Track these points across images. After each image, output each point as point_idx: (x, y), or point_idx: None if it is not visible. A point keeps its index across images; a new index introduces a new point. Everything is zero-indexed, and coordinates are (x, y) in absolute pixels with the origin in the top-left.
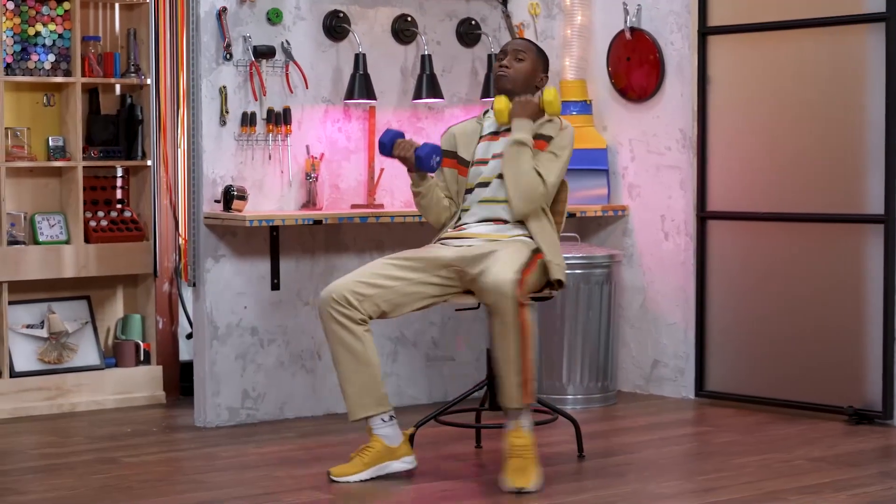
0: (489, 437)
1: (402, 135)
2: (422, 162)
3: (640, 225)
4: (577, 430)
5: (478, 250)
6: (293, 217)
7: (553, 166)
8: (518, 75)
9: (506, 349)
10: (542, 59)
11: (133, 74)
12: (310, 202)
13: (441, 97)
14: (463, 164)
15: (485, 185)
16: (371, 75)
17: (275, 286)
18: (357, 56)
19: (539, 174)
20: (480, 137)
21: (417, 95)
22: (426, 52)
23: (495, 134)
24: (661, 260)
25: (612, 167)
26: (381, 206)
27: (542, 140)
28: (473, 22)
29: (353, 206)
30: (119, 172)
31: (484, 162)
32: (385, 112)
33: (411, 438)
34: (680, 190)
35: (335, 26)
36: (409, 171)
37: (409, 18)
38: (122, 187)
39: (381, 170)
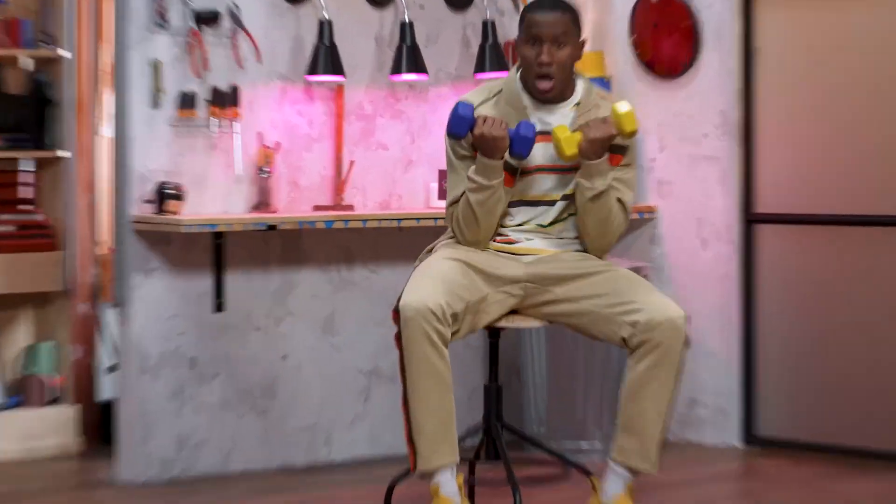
0: (485, 494)
1: (472, 111)
2: (522, 144)
3: (671, 230)
4: (594, 488)
5: (561, 268)
6: (242, 221)
7: (631, 179)
8: (563, 71)
9: (660, 398)
10: (579, 27)
11: (45, 45)
12: (263, 203)
13: (425, 72)
14: (511, 171)
15: (547, 203)
16: (339, 46)
17: (218, 307)
18: (322, 23)
19: (622, 204)
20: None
21: (396, 71)
22: (406, 19)
23: (545, 133)
24: (699, 273)
25: (637, 159)
26: (351, 207)
27: (616, 154)
28: None
29: (317, 208)
30: (26, 166)
31: (548, 170)
32: (355, 91)
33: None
34: (720, 187)
35: None
36: (489, 155)
37: None
38: (29, 184)
39: (352, 162)
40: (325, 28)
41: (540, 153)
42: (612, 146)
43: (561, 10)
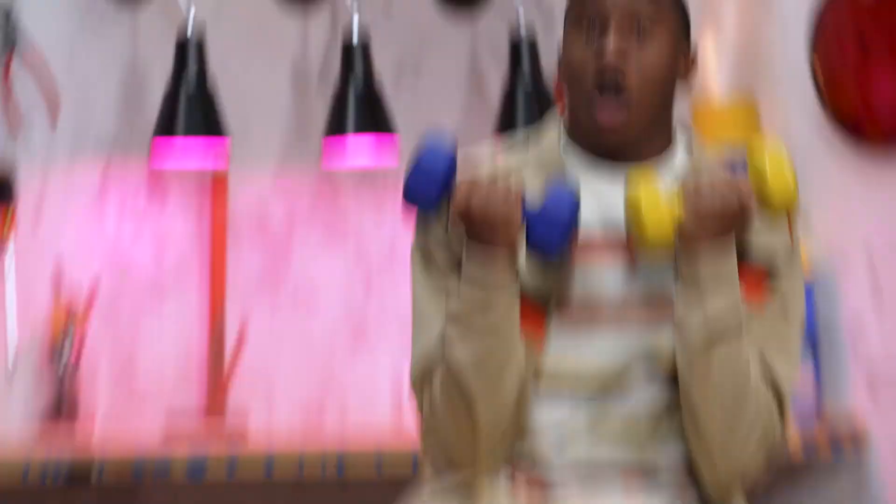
0: None
1: (454, 150)
2: (551, 229)
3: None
4: None
5: None
6: (14, 463)
7: (792, 336)
8: (649, 85)
9: None
10: (684, 15)
11: None
12: (62, 411)
13: (388, 131)
14: (535, 304)
15: (609, 391)
16: (223, 83)
17: None
18: (183, 39)
19: (774, 387)
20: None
21: (334, 131)
22: (355, 34)
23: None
24: None
25: (826, 315)
26: (243, 427)
27: (754, 269)
28: None
29: (169, 430)
30: None
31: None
32: (252, 182)
33: None
34: None
35: None
36: (486, 243)
37: None
38: None
39: (243, 330)
40: (189, 49)
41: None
42: (746, 253)
43: None
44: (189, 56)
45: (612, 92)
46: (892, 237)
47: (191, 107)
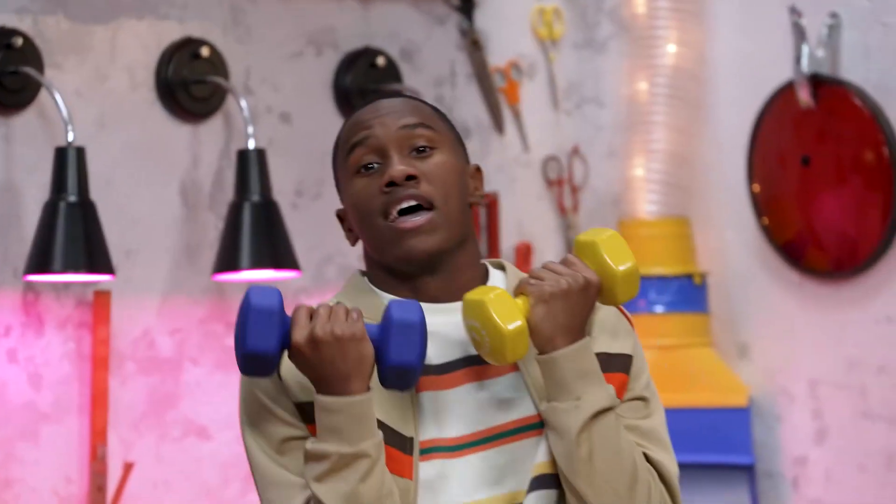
0: None
1: (280, 294)
2: (402, 349)
3: None
4: None
5: None
6: None
7: (656, 428)
8: (444, 191)
9: None
10: (454, 130)
11: None
12: None
13: (294, 268)
14: (396, 446)
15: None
16: (100, 204)
17: None
18: (62, 151)
19: (660, 474)
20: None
21: (227, 265)
22: (251, 145)
23: (459, 365)
24: None
25: (768, 458)
26: None
27: (614, 378)
28: (381, 60)
29: None
30: None
31: (456, 448)
32: (136, 301)
33: None
34: None
35: (1, 74)
36: (336, 387)
37: (207, 49)
38: None
39: (128, 466)
40: (67, 167)
41: (449, 418)
42: (599, 352)
43: (405, 96)
44: (66, 173)
45: (410, 204)
46: (839, 372)
47: (67, 231)
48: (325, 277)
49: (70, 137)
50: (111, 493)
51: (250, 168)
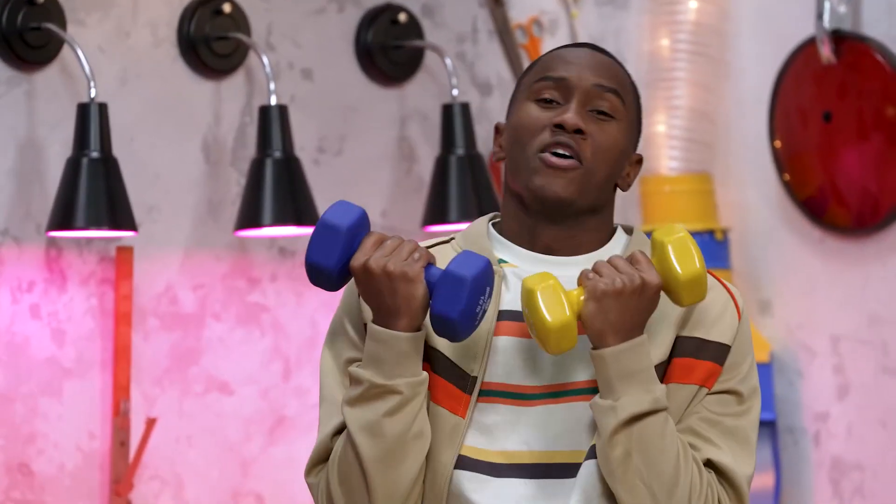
0: None
1: (365, 218)
2: (454, 300)
3: None
4: None
5: None
6: None
7: (745, 427)
8: (603, 164)
9: None
10: (638, 105)
11: None
12: None
13: (312, 224)
14: (455, 383)
15: (560, 469)
16: (122, 160)
17: None
18: (85, 107)
19: (725, 475)
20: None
21: (249, 222)
22: (272, 101)
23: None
24: None
25: (789, 414)
26: None
27: (704, 360)
28: (403, 17)
29: None
30: None
31: (524, 397)
32: (157, 261)
33: None
34: None
35: (24, 30)
36: (385, 319)
37: (229, 5)
38: None
39: (151, 421)
40: (90, 119)
41: (521, 365)
42: (680, 342)
43: (614, 59)
44: (89, 126)
45: (563, 153)
46: (860, 327)
47: (90, 183)
48: None
49: (92, 94)
50: (134, 447)
51: (272, 124)
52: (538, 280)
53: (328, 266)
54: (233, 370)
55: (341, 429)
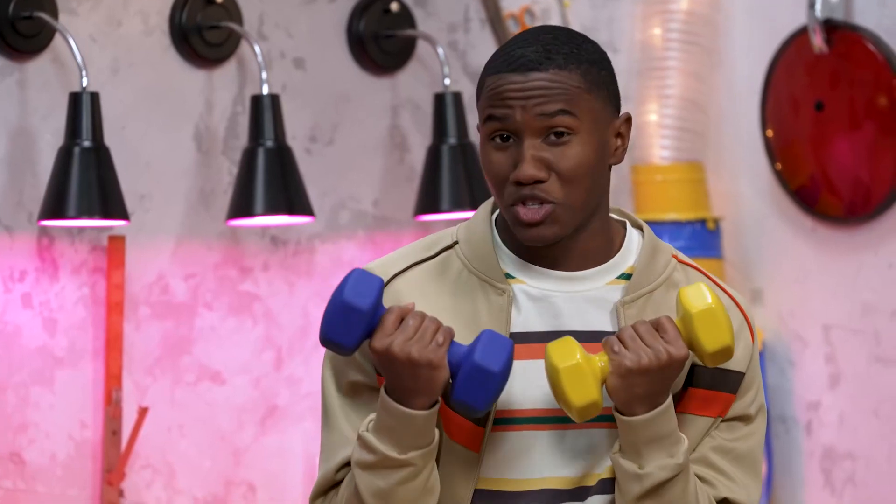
0: None
1: (380, 289)
2: (477, 386)
3: None
4: None
5: None
6: None
7: (753, 450)
8: (576, 193)
9: None
10: (608, 87)
11: None
12: None
13: (308, 214)
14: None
15: (571, 496)
16: (114, 149)
17: None
18: (77, 96)
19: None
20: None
21: (241, 211)
22: (264, 90)
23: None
24: None
25: (781, 403)
26: None
27: (715, 391)
28: (395, 6)
29: None
30: None
31: (554, 422)
32: (150, 251)
33: None
34: None
35: (15, 19)
36: (404, 399)
37: None
38: None
39: (143, 411)
40: (82, 110)
41: (533, 390)
42: (699, 373)
43: (555, 58)
44: (81, 116)
45: (531, 203)
46: (852, 316)
47: (83, 172)
48: (338, 223)
49: (84, 83)
50: (126, 437)
51: (264, 113)
52: (562, 355)
53: (348, 344)
54: (225, 359)
55: (346, 463)
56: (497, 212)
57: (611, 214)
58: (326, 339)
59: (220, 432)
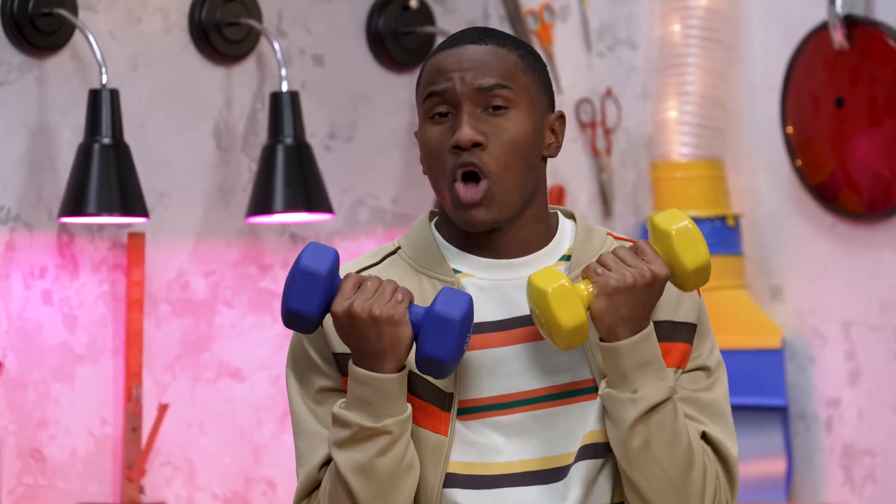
0: None
1: (336, 258)
2: (442, 338)
3: None
4: None
5: None
6: None
7: (719, 400)
8: (513, 164)
9: None
10: (542, 77)
11: None
12: None
13: (327, 211)
14: (433, 402)
15: (549, 475)
16: (133, 146)
17: None
18: (96, 93)
19: (716, 450)
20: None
21: (261, 209)
22: (284, 87)
23: (508, 324)
24: None
25: (801, 400)
26: None
27: (675, 342)
28: (414, 2)
29: None
30: None
31: (504, 406)
32: (169, 248)
33: None
34: None
35: (35, 15)
36: (370, 363)
37: None
38: None
39: (163, 407)
40: (101, 105)
41: (493, 378)
42: (663, 320)
43: (494, 37)
44: (100, 111)
45: (470, 176)
46: (872, 313)
47: (102, 170)
48: (357, 220)
49: (104, 79)
50: (146, 433)
51: (283, 110)
52: (547, 279)
53: (309, 312)
54: (244, 356)
55: (327, 460)
56: (435, 219)
57: None
58: (288, 311)
59: (239, 429)
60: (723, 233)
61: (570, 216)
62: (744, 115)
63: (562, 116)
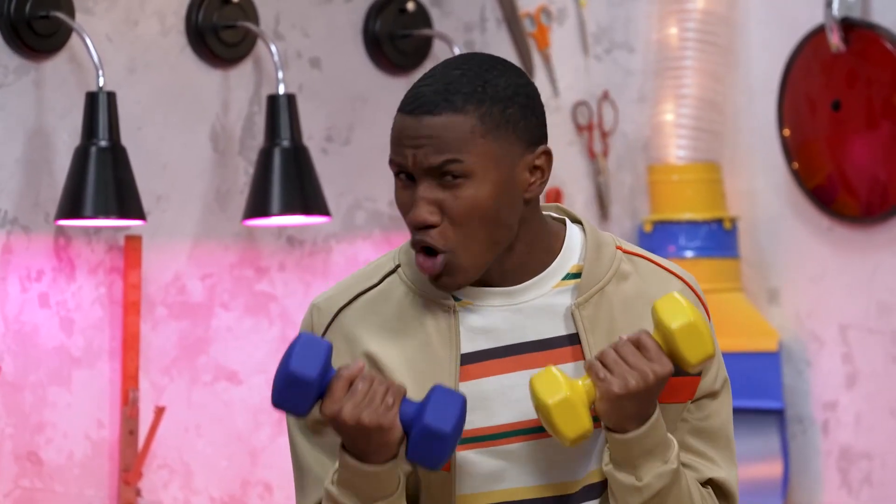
0: None
1: (328, 353)
2: (430, 445)
3: None
4: None
5: None
6: None
7: (723, 425)
8: (469, 238)
9: None
10: (510, 127)
11: None
12: None
13: (324, 213)
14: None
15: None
16: (130, 149)
17: None
18: (93, 96)
19: (720, 489)
20: (461, 362)
21: (258, 211)
22: (281, 90)
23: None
24: None
25: (797, 403)
26: None
27: (684, 376)
28: (411, 5)
29: None
30: None
31: (527, 432)
32: (164, 251)
33: None
34: None
35: (32, 18)
36: (362, 456)
37: None
38: None
39: (159, 410)
40: (97, 108)
41: (494, 407)
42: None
43: (453, 100)
44: (97, 114)
45: (425, 251)
46: (869, 316)
47: (99, 171)
48: (354, 223)
49: (101, 82)
50: (143, 436)
51: (280, 113)
52: (549, 390)
53: (297, 412)
54: (241, 359)
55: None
56: None
57: (549, 214)
58: (278, 408)
59: (236, 432)
60: (719, 236)
61: (578, 222)
62: (741, 118)
63: (547, 153)
